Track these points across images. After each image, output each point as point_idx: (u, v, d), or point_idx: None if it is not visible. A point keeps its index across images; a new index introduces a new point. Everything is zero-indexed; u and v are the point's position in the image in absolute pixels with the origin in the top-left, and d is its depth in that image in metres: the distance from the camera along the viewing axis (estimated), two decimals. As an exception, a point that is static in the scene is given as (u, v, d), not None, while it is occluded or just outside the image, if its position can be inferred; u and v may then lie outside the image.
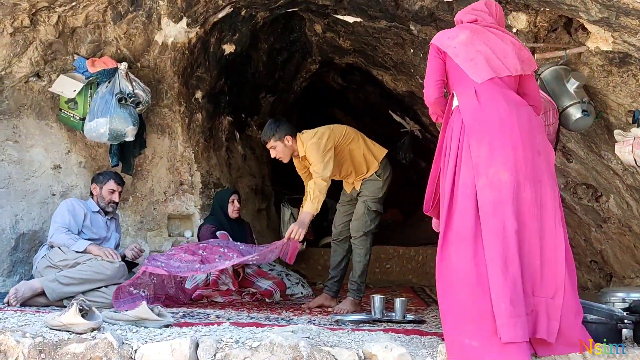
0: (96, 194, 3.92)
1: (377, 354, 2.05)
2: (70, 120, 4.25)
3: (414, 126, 6.68)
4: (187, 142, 5.00)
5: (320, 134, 3.68)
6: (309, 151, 3.62)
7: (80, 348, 2.05)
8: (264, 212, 6.32)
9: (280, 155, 3.72)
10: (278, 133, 3.67)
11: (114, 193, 3.91)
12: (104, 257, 3.49)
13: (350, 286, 3.70)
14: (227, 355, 2.05)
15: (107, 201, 3.89)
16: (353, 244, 3.75)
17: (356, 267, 3.70)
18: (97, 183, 3.94)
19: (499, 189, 2.16)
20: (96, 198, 3.91)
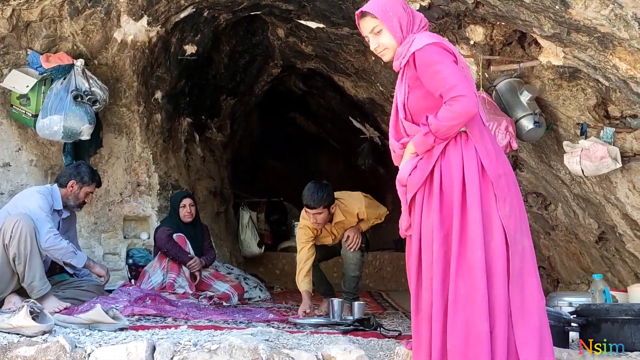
0: (71, 191, 3.55)
1: (336, 357, 2.07)
2: (22, 116, 4.11)
3: (373, 133, 6.76)
4: (146, 143, 4.91)
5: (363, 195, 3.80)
6: (369, 212, 3.68)
7: (30, 351, 1.98)
8: (223, 215, 6.26)
9: (321, 221, 3.54)
10: (327, 200, 3.51)
11: (88, 195, 3.64)
12: (102, 275, 3.40)
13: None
14: (184, 358, 2.03)
15: (80, 202, 3.61)
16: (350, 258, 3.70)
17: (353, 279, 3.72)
18: (79, 181, 3.57)
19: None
20: (65, 195, 3.55)
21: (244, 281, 4.81)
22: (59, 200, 3.53)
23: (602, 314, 2.32)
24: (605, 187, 3.33)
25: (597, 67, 2.85)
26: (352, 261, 3.59)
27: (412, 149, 2.02)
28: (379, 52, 2.10)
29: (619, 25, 2.44)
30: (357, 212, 3.70)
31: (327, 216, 3.56)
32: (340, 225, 3.72)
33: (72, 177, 3.58)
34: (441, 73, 1.94)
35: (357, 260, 3.62)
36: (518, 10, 2.84)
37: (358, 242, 3.58)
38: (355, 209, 3.69)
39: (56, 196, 3.53)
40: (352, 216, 3.69)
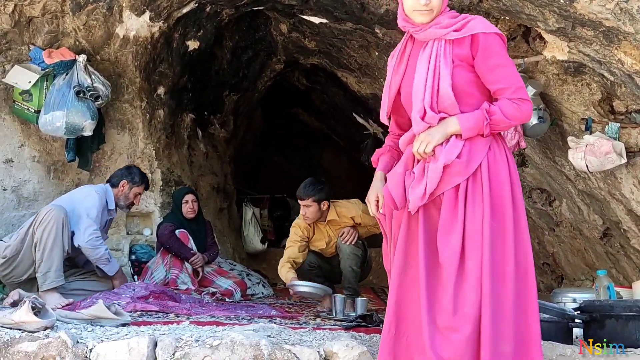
0: (122, 191, 3.73)
1: (338, 353, 2.06)
2: (25, 112, 4.11)
3: (377, 129, 6.74)
4: (148, 139, 4.91)
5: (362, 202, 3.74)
6: (364, 217, 3.66)
7: (32, 347, 1.98)
8: (226, 211, 6.26)
9: (310, 215, 3.66)
10: (319, 195, 3.65)
11: (137, 197, 3.80)
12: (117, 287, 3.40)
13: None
14: (186, 354, 2.02)
15: (129, 202, 3.77)
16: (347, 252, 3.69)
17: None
18: (130, 181, 3.76)
19: None
20: (117, 195, 3.72)
21: (247, 277, 4.81)
22: (112, 199, 3.68)
23: (607, 310, 2.30)
24: (610, 182, 3.30)
25: (602, 62, 2.82)
26: (349, 255, 3.59)
27: (455, 129, 1.85)
28: (425, 8, 1.91)
29: (624, 19, 2.41)
30: (353, 216, 3.72)
31: (317, 212, 3.64)
32: (334, 225, 3.73)
33: (124, 177, 3.76)
34: (507, 68, 1.89)
35: (354, 255, 3.60)
36: (522, 5, 2.82)
37: (354, 235, 3.57)
38: (351, 212, 3.72)
39: (110, 196, 3.68)
40: (346, 218, 3.72)
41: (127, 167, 3.92)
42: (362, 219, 3.70)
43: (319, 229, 3.80)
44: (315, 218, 3.68)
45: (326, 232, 3.79)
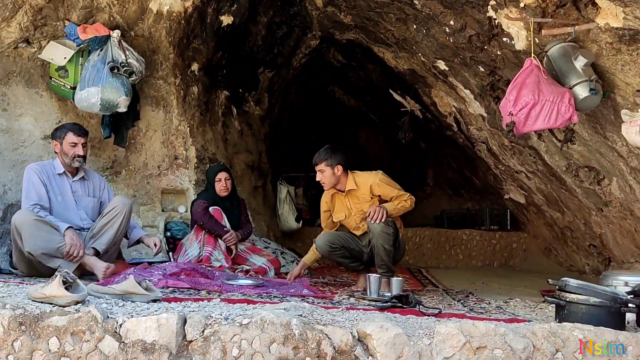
0: (58, 151, 3.58)
1: (372, 334, 1.97)
2: (61, 89, 4.13)
3: (414, 106, 6.55)
4: (182, 116, 4.88)
5: (382, 172, 3.73)
6: (382, 186, 3.61)
7: (62, 321, 1.96)
8: (260, 189, 6.22)
9: (325, 180, 3.67)
10: (332, 159, 3.64)
11: (76, 146, 3.53)
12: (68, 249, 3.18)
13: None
14: (215, 332, 1.97)
15: (72, 156, 3.53)
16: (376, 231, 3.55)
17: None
18: (55, 139, 3.59)
19: None
20: (60, 156, 3.58)
21: (281, 255, 4.77)
22: (58, 164, 3.59)
23: (664, 295, 2.13)
24: (667, 159, 3.08)
25: (662, 28, 2.60)
26: (379, 234, 3.46)
27: None
28: None
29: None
30: (370, 184, 3.62)
31: (331, 176, 3.62)
32: (353, 196, 3.65)
33: (52, 138, 3.66)
34: None
35: (385, 233, 3.46)
36: (575, -34, 2.61)
37: (381, 213, 3.44)
38: (368, 180, 3.64)
39: (56, 162, 3.60)
40: (365, 188, 3.63)
41: (55, 128, 3.75)
42: (380, 187, 3.61)
43: (339, 200, 3.75)
44: (331, 183, 3.65)
45: (345, 204, 3.72)
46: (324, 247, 3.63)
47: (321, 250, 3.66)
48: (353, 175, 3.68)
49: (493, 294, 3.83)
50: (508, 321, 2.33)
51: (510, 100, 3.13)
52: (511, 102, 3.13)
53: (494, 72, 4.33)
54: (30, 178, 3.43)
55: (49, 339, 1.94)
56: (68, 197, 3.57)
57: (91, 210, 3.66)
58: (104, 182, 3.86)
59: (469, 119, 5.39)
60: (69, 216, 3.48)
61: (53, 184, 3.51)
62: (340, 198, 3.73)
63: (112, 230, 3.47)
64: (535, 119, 3.11)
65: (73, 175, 3.64)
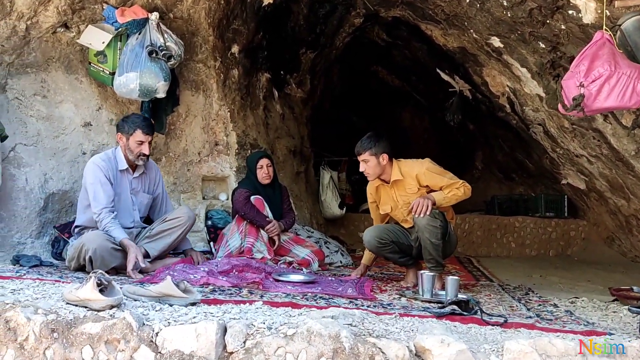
0: (122, 145, 3.40)
1: (432, 349, 1.76)
2: (100, 74, 4.03)
3: (463, 86, 6.20)
4: (223, 100, 4.73)
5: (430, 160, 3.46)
6: (430, 175, 3.33)
7: (96, 328, 1.84)
8: (303, 175, 6.04)
9: (369, 171, 3.37)
10: (377, 147, 3.34)
11: (142, 144, 3.37)
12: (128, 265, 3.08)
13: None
14: (258, 344, 1.81)
15: (137, 154, 3.38)
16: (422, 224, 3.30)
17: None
18: (122, 132, 3.40)
19: None
20: (123, 150, 3.41)
21: (325, 245, 4.59)
22: (122, 159, 3.44)
23: None
24: None
25: None
26: (425, 227, 3.19)
27: None
28: None
29: None
30: (416, 174, 3.33)
31: (376, 166, 3.35)
32: (399, 187, 3.38)
33: (117, 131, 3.48)
34: None
35: (431, 226, 3.19)
36: None
37: (425, 206, 3.16)
38: (414, 170, 3.35)
39: (119, 156, 3.44)
40: (411, 178, 3.35)
41: (122, 118, 3.58)
42: (428, 177, 3.32)
43: (384, 191, 3.48)
44: (375, 174, 3.37)
45: (391, 195, 3.45)
46: (372, 243, 3.40)
47: (369, 246, 3.43)
48: (398, 164, 3.40)
49: (555, 291, 3.55)
50: (586, 333, 2.08)
51: (581, 71, 2.81)
52: (582, 72, 2.81)
53: (555, 48, 3.98)
54: (97, 176, 3.28)
55: (83, 348, 1.82)
56: (125, 195, 3.45)
57: (144, 206, 3.58)
58: (159, 174, 3.72)
59: (524, 100, 5.04)
60: (121, 217, 3.36)
61: (114, 181, 3.38)
62: (386, 189, 3.46)
63: (169, 239, 3.43)
64: (608, 94, 2.79)
65: (134, 170, 3.50)
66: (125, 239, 3.16)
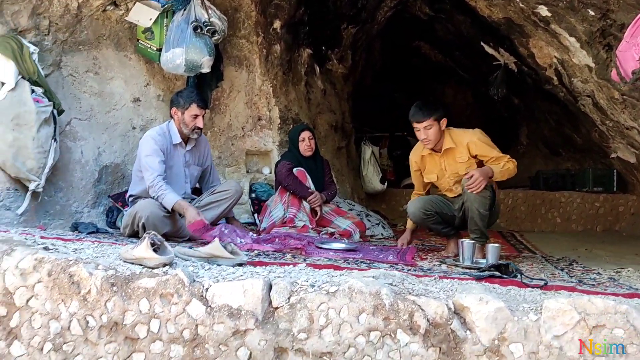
0: (178, 119, 3.53)
1: (470, 307, 1.80)
2: (148, 51, 4.16)
3: (508, 58, 6.06)
4: (265, 75, 4.80)
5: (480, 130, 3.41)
6: (481, 145, 3.29)
7: (151, 283, 1.96)
8: (344, 150, 6.09)
9: (431, 137, 3.29)
10: (438, 113, 3.29)
11: (197, 118, 3.49)
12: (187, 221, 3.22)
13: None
14: (302, 299, 1.89)
15: (191, 128, 3.50)
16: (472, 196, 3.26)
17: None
18: (177, 107, 3.52)
19: None
20: (178, 124, 3.54)
21: (366, 218, 4.65)
22: (175, 133, 3.55)
23: None
24: None
25: None
26: (475, 197, 3.16)
27: None
28: None
29: None
30: (467, 143, 3.29)
31: (438, 132, 3.30)
32: (449, 156, 3.35)
33: (172, 104, 3.58)
34: None
35: (481, 197, 3.17)
36: None
37: (481, 185, 3.12)
38: (465, 139, 3.31)
39: (173, 130, 3.55)
40: (462, 146, 3.31)
41: (176, 93, 3.68)
42: (479, 147, 3.28)
43: (432, 160, 3.45)
44: (436, 140, 3.32)
45: (440, 164, 3.42)
46: (417, 214, 3.41)
47: (414, 217, 3.44)
48: (449, 133, 3.36)
49: (600, 263, 3.49)
50: (628, 296, 2.07)
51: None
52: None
53: (605, 15, 3.84)
54: (152, 148, 3.41)
55: (140, 300, 1.95)
56: (179, 168, 3.58)
57: (195, 178, 3.72)
58: (208, 147, 3.85)
59: (572, 71, 4.90)
60: (174, 189, 3.46)
61: (168, 155, 3.51)
62: (434, 158, 3.44)
63: (218, 210, 3.57)
64: None
65: (186, 144, 3.62)
66: (180, 200, 3.29)
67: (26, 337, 2.00)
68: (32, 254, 2.07)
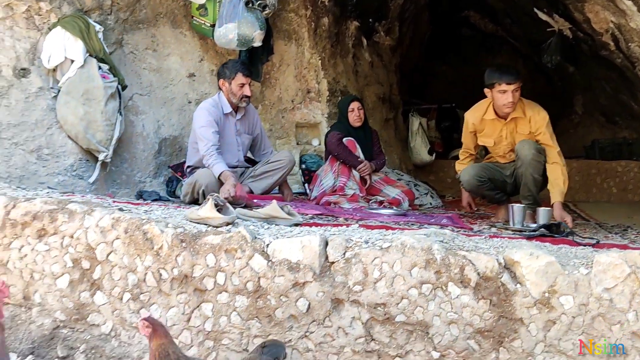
0: (226, 90, 3.65)
1: (520, 261, 1.87)
2: (202, 27, 4.31)
3: (563, 24, 5.88)
4: (314, 48, 4.88)
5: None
6: (545, 128, 3.27)
7: (217, 240, 2.12)
8: (392, 121, 6.13)
9: (516, 101, 3.27)
10: (521, 77, 3.33)
11: (244, 87, 3.60)
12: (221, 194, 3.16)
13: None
14: (356, 255, 2.00)
15: (239, 97, 3.62)
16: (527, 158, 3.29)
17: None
18: (224, 78, 3.65)
19: None
20: (227, 94, 3.66)
21: (415, 187, 4.70)
22: (225, 103, 3.67)
23: None
24: None
25: None
26: (530, 162, 3.18)
27: None
28: None
29: None
30: (534, 117, 3.27)
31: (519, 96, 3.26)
32: (513, 125, 3.33)
33: (219, 77, 3.72)
34: None
35: (536, 162, 3.19)
36: None
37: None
38: (534, 115, 3.27)
39: (223, 101, 3.67)
40: (527, 119, 3.29)
41: (221, 65, 3.80)
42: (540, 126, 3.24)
43: (493, 125, 3.42)
44: (515, 104, 3.27)
45: (501, 131, 3.39)
46: (471, 182, 3.43)
47: (468, 184, 3.46)
48: (520, 102, 3.33)
49: (656, 230, 3.45)
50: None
51: None
52: None
53: (665, -24, 3.71)
54: (206, 119, 3.54)
55: (206, 255, 2.11)
56: (231, 137, 3.72)
57: (246, 147, 3.87)
58: (257, 115, 3.97)
59: (629, 35, 4.73)
60: (227, 157, 3.63)
61: (221, 125, 3.63)
62: (495, 124, 3.39)
63: (271, 180, 3.72)
64: None
65: (237, 113, 3.76)
66: (226, 171, 3.40)
67: (107, 288, 2.21)
68: (110, 214, 2.26)
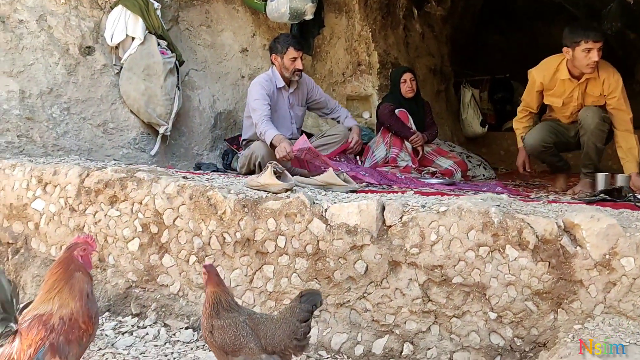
0: (278, 64, 3.68)
1: (581, 224, 1.86)
2: (254, 2, 4.38)
3: (624, -12, 5.61)
4: (364, 21, 4.86)
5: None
6: (620, 94, 3.15)
7: (277, 205, 2.20)
8: (443, 93, 6.05)
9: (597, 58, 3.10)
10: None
11: (296, 60, 3.63)
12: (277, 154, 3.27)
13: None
14: (413, 218, 2.04)
15: (292, 71, 3.66)
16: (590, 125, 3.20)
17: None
18: (276, 53, 3.67)
19: None
20: (279, 69, 3.69)
21: (467, 159, 4.66)
22: (279, 78, 3.71)
23: None
24: None
25: None
26: (592, 131, 3.10)
27: None
28: None
29: None
30: (607, 80, 3.14)
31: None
32: (585, 85, 3.20)
33: (271, 51, 3.72)
34: None
35: (600, 130, 3.11)
36: None
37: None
38: (609, 77, 3.13)
39: (276, 75, 3.71)
40: (600, 81, 3.16)
41: (273, 40, 3.80)
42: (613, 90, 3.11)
43: (564, 85, 3.25)
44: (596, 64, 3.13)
45: (573, 91, 3.22)
46: (536, 147, 3.33)
47: (532, 149, 3.35)
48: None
49: None
50: None
51: None
52: None
53: None
54: (260, 93, 3.58)
55: (267, 220, 2.21)
56: (284, 110, 3.77)
57: (300, 119, 3.91)
58: (311, 82, 3.96)
59: (698, -3, 4.48)
60: (280, 130, 3.61)
61: (273, 98, 3.67)
62: (567, 83, 3.23)
63: (327, 152, 3.70)
64: None
65: (289, 87, 3.80)
66: (278, 134, 3.42)
67: (174, 251, 2.35)
68: (175, 182, 2.39)
